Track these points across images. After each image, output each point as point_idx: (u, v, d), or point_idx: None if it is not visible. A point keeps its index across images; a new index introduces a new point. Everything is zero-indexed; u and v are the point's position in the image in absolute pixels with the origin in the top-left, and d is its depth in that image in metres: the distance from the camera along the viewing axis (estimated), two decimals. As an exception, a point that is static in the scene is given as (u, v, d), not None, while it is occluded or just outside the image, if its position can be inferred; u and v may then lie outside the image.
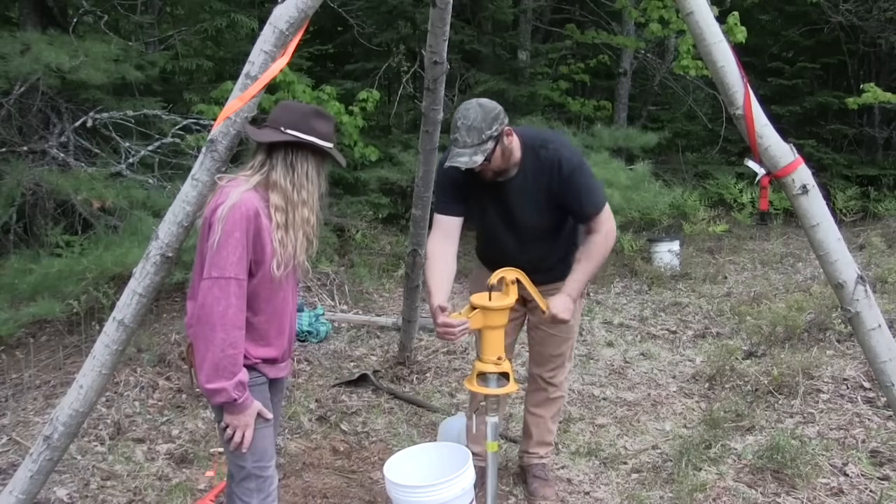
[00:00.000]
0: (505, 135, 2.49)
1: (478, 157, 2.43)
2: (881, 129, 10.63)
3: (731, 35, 6.98)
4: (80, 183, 4.38)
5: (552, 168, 2.56)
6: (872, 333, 2.35)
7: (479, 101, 2.51)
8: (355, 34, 7.76)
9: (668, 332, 5.28)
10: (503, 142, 2.49)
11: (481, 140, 2.43)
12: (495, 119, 2.46)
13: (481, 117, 2.44)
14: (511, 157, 2.57)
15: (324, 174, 2.09)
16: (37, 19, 5.69)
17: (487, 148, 2.44)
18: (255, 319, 2.01)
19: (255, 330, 2.01)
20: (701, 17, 2.28)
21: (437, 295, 2.48)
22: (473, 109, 2.47)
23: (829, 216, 2.38)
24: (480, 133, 2.43)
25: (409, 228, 4.11)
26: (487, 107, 2.48)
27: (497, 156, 2.50)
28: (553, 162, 2.56)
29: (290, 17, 2.24)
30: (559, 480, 3.15)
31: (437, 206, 2.73)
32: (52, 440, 2.40)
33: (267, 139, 2.02)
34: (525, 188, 2.62)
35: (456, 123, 2.48)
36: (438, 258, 2.61)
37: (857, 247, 7.24)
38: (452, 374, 4.43)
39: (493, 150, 2.46)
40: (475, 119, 2.44)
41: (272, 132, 2.02)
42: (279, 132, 2.01)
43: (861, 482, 3.08)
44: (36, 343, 4.58)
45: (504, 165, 2.56)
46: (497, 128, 2.45)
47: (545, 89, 9.07)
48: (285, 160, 2.02)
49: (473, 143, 2.43)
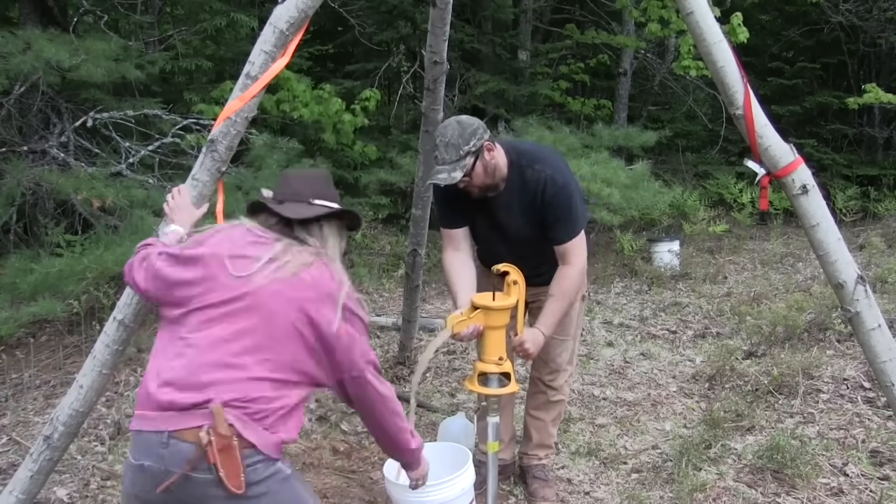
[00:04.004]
0: (486, 150, 2.49)
1: (456, 172, 2.43)
2: (881, 129, 10.64)
3: (733, 35, 6.96)
4: (81, 183, 4.38)
5: (536, 188, 2.57)
6: (872, 333, 2.36)
7: (458, 119, 2.53)
8: (355, 34, 7.77)
9: (668, 332, 5.28)
10: (483, 157, 2.49)
11: (459, 156, 2.43)
12: (473, 134, 2.46)
13: (458, 133, 2.45)
14: (496, 172, 2.56)
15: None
16: (37, 19, 5.69)
17: (466, 164, 2.44)
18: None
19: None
20: (701, 17, 2.28)
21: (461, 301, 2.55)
22: (451, 126, 2.48)
23: (829, 216, 2.38)
24: (458, 149, 2.43)
25: (409, 228, 4.11)
26: (465, 123, 2.49)
27: (479, 171, 2.50)
28: (538, 183, 2.57)
29: (290, 17, 2.24)
30: (559, 480, 3.15)
31: (441, 221, 2.77)
32: (52, 440, 2.40)
33: (309, 214, 1.91)
34: (511, 204, 2.63)
35: (435, 141, 2.50)
36: (454, 269, 2.67)
37: (857, 247, 7.24)
38: (452, 374, 4.44)
39: (472, 165, 2.46)
40: (452, 136, 2.45)
41: (305, 206, 1.93)
42: (311, 205, 1.93)
43: (861, 482, 3.08)
44: (36, 343, 4.58)
45: (489, 181, 2.56)
46: (475, 143, 2.45)
47: (545, 89, 9.07)
48: (321, 232, 1.94)
49: (452, 160, 2.44)
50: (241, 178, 5.01)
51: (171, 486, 1.67)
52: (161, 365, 1.75)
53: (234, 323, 1.74)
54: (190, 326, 1.76)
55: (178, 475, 1.66)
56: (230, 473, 1.65)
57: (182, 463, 1.66)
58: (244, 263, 1.79)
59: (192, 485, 1.67)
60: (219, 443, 1.64)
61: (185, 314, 1.78)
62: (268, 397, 1.73)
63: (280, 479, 1.75)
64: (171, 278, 1.82)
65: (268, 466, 1.72)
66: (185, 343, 1.74)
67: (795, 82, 10.11)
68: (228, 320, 1.75)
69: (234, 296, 1.76)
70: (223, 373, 1.71)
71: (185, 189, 2.29)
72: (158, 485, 1.67)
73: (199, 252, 1.83)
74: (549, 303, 2.64)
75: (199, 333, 1.74)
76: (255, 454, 1.70)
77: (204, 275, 1.79)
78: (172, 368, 1.73)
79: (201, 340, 1.73)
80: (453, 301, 2.65)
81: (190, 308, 1.78)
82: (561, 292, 2.63)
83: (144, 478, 1.70)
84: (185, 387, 1.70)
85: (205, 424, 1.65)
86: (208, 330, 1.74)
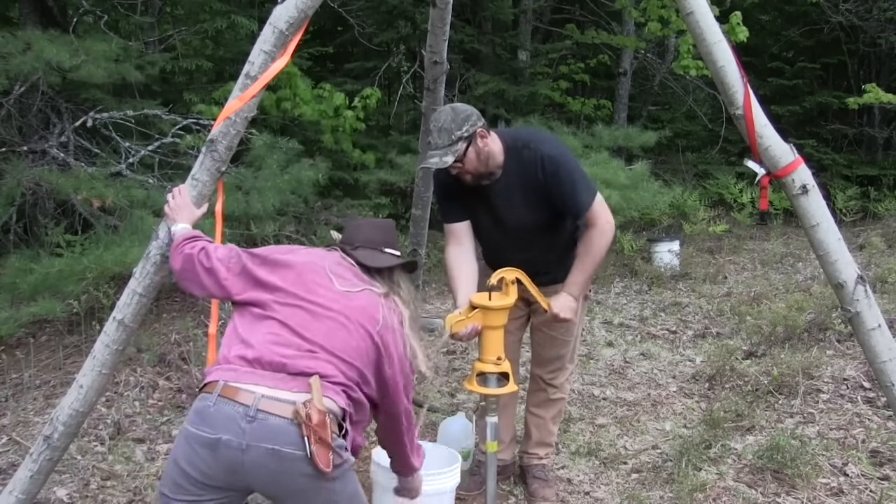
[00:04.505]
0: (479, 136, 2.49)
1: (448, 157, 2.44)
2: (881, 129, 10.64)
3: (732, 35, 6.96)
4: (80, 183, 4.38)
5: (535, 167, 2.56)
6: (872, 333, 2.36)
7: (452, 105, 2.55)
8: (355, 34, 7.76)
9: (668, 332, 5.28)
10: (476, 143, 2.49)
11: (451, 140, 2.44)
12: (465, 120, 2.47)
13: (451, 118, 2.46)
14: (490, 160, 2.56)
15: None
16: (37, 19, 5.69)
17: (458, 149, 2.45)
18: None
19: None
20: (701, 16, 2.28)
21: (461, 300, 2.54)
22: (445, 112, 2.50)
23: (829, 216, 2.38)
24: (450, 134, 2.44)
25: (409, 228, 4.11)
26: (459, 108, 2.51)
27: (471, 157, 2.50)
28: (535, 161, 2.56)
29: (290, 17, 2.24)
30: (559, 480, 3.15)
31: (443, 216, 2.77)
32: (52, 440, 2.40)
33: (384, 264, 2.08)
34: (510, 190, 2.62)
35: (429, 126, 2.52)
36: (455, 265, 2.66)
37: (857, 247, 7.23)
38: (452, 374, 4.43)
39: (464, 151, 2.46)
40: (445, 121, 2.46)
41: (378, 254, 2.10)
42: (383, 253, 2.11)
43: (861, 482, 3.08)
44: (36, 343, 4.58)
45: (482, 168, 2.56)
46: (468, 129, 2.46)
47: (545, 89, 9.06)
48: (394, 279, 2.10)
49: (444, 144, 2.45)
50: (241, 177, 5.01)
51: (249, 461, 1.66)
52: (260, 337, 1.81)
53: (329, 324, 1.85)
54: (284, 314, 1.85)
55: (260, 450, 1.65)
56: (320, 451, 1.66)
57: (271, 437, 1.65)
58: (344, 282, 1.94)
59: (279, 460, 1.66)
60: (316, 418, 1.65)
61: (282, 304, 1.86)
62: (355, 391, 1.84)
63: (349, 467, 1.80)
64: (255, 275, 1.92)
65: (344, 452, 1.76)
66: (280, 324, 1.82)
67: (795, 82, 10.12)
68: (325, 320, 1.85)
69: (333, 305, 1.87)
70: (322, 354, 1.80)
71: (184, 189, 2.30)
72: (233, 460, 1.66)
73: (288, 258, 1.97)
74: (578, 262, 2.61)
75: (295, 320, 1.83)
76: (339, 438, 1.74)
77: (296, 276, 1.90)
78: (277, 336, 1.80)
79: (299, 326, 1.82)
80: (453, 299, 2.65)
81: (286, 302, 1.86)
82: (589, 251, 2.60)
83: (216, 453, 1.67)
84: (289, 354, 1.76)
85: (300, 399, 1.68)
86: (304, 323, 1.83)
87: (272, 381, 1.72)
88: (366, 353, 1.87)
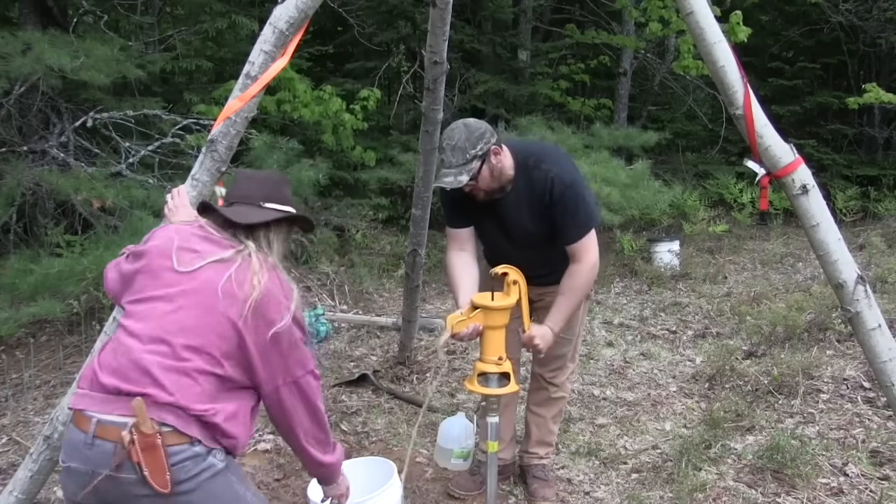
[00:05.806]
0: (492, 154, 2.48)
1: (463, 176, 2.42)
2: (881, 129, 10.65)
3: (732, 34, 6.96)
4: (80, 183, 4.38)
5: (543, 188, 2.56)
6: (872, 333, 2.36)
7: (464, 122, 2.52)
8: (355, 34, 7.77)
9: (668, 332, 5.28)
10: (490, 161, 2.48)
11: (466, 160, 2.43)
12: (480, 138, 2.45)
13: (465, 137, 2.44)
14: (502, 176, 2.56)
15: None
16: (37, 19, 5.69)
17: (473, 167, 2.43)
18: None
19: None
20: (701, 16, 2.29)
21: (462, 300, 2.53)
22: (458, 130, 2.47)
23: (829, 216, 2.38)
24: (465, 153, 2.43)
25: (409, 228, 4.11)
26: (472, 126, 2.48)
27: (486, 175, 2.49)
28: (545, 182, 2.56)
29: (290, 17, 2.24)
30: (559, 480, 3.15)
31: (447, 220, 2.76)
32: (52, 440, 2.40)
33: (257, 219, 1.86)
34: (519, 206, 2.62)
35: (442, 144, 2.49)
36: (456, 268, 2.66)
37: (857, 247, 7.23)
38: (452, 374, 4.43)
39: (479, 169, 2.45)
40: (459, 139, 2.44)
41: (255, 210, 1.88)
42: (260, 208, 1.89)
43: (861, 482, 3.08)
44: (36, 343, 4.58)
45: (495, 185, 2.56)
46: (482, 147, 2.45)
47: (545, 89, 9.07)
48: (267, 237, 1.88)
49: (458, 163, 2.43)
50: (241, 178, 5.00)
51: (97, 487, 1.63)
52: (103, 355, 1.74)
53: (174, 314, 1.71)
54: (133, 317, 1.74)
55: (102, 476, 1.62)
56: (155, 472, 1.61)
57: (107, 463, 1.62)
58: (190, 258, 1.76)
59: (118, 485, 1.64)
60: (142, 441, 1.60)
61: (132, 303, 1.77)
62: (205, 392, 1.69)
63: (211, 475, 1.69)
64: (125, 272, 1.84)
65: (197, 463, 1.67)
66: (125, 332, 1.73)
67: (795, 82, 10.12)
68: (169, 312, 1.71)
69: (177, 290, 1.73)
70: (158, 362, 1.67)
71: (184, 189, 2.29)
72: (85, 486, 1.64)
73: (147, 246, 1.83)
74: (559, 299, 2.63)
75: (139, 324, 1.72)
76: (183, 451, 1.65)
77: (146, 266, 1.78)
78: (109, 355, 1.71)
79: (140, 330, 1.71)
80: (455, 300, 2.65)
81: (135, 298, 1.77)
82: (570, 289, 2.62)
83: (71, 480, 1.67)
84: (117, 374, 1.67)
85: (128, 422, 1.61)
86: (147, 321, 1.71)
87: (106, 406, 1.66)
88: (216, 334, 1.71)
